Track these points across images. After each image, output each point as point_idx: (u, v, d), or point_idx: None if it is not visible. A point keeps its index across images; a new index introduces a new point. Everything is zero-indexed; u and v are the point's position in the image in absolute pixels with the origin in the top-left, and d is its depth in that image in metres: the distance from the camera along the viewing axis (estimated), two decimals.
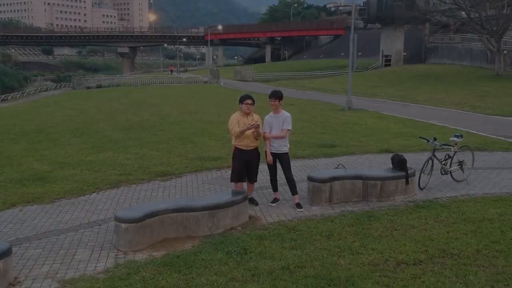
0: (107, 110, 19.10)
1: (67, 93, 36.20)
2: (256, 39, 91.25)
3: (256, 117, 6.23)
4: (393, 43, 47.27)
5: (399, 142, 10.91)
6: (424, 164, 7.12)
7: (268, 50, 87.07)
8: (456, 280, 4.28)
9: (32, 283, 4.35)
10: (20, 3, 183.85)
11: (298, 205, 6.37)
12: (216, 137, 11.89)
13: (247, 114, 6.17)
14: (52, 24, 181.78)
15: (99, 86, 39.17)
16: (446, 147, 7.44)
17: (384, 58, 48.82)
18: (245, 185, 6.50)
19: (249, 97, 6.26)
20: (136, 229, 5.04)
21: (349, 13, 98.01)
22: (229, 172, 7.13)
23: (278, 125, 6.35)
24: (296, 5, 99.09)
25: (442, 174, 7.52)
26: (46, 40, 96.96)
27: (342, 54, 66.64)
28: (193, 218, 5.42)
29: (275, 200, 6.61)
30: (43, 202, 6.78)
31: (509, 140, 11.49)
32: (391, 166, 7.02)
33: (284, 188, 6.84)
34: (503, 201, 6.58)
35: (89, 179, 7.89)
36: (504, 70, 32.01)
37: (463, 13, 33.11)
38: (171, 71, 66.73)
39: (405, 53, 50.60)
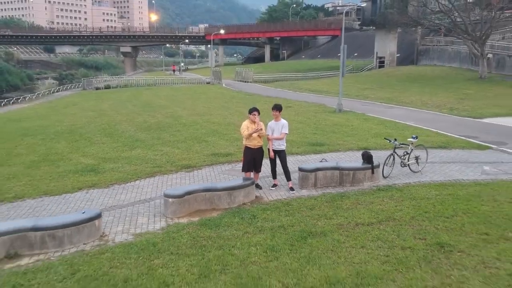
0: (124, 112, 21.32)
1: (78, 93, 38.31)
2: (255, 39, 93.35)
3: (261, 124, 8.50)
4: (386, 45, 49.45)
5: (376, 141, 13.16)
6: (387, 158, 9.41)
7: (267, 50, 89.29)
8: (392, 233, 6.57)
9: (115, 235, 6.64)
10: (21, 1, 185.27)
11: (291, 189, 8.66)
12: (225, 137, 14.14)
13: (254, 122, 8.44)
14: (52, 22, 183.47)
15: (107, 87, 41.28)
16: (404, 145, 9.74)
17: (378, 60, 51.03)
18: (252, 174, 8.77)
19: (256, 109, 8.53)
20: (179, 202, 7.33)
21: (347, 13, 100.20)
22: (238, 165, 9.46)
23: (278, 129, 8.63)
24: (294, 5, 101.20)
25: (402, 166, 9.81)
26: (51, 40, 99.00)
27: (339, 54, 68.82)
28: (216, 196, 7.71)
29: (274, 185, 8.89)
30: (101, 186, 9.07)
31: (468, 139, 13.77)
32: (362, 160, 9.31)
33: (281, 177, 9.08)
34: (443, 186, 8.88)
35: (130, 171, 10.17)
36: (490, 72, 34.34)
37: (450, 19, 35.35)
38: (173, 70, 68.69)
39: (398, 55, 52.81)
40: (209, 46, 74.09)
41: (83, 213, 6.58)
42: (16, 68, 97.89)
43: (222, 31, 67.92)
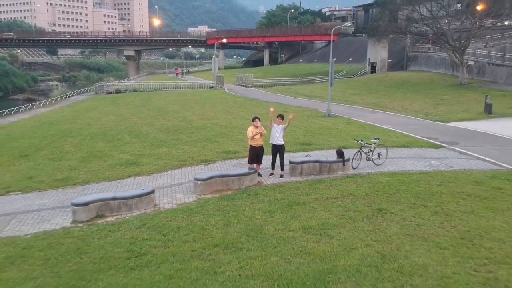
0: (142, 116, 24.49)
1: (92, 98, 41.47)
2: (255, 43, 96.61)
3: (261, 128, 11.69)
4: (378, 52, 52.66)
5: (354, 141, 16.33)
6: (355, 154, 12.63)
7: (266, 54, 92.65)
8: (350, 203, 9.76)
9: (164, 205, 9.85)
10: (23, 3, 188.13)
11: (281, 176, 11.87)
12: (231, 138, 17.31)
13: (256, 127, 11.65)
14: (54, 24, 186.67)
15: (117, 91, 44.47)
16: (368, 144, 12.97)
17: (370, 66, 54.25)
18: (255, 166, 11.96)
19: (257, 117, 11.73)
20: (205, 184, 10.54)
21: (343, 18, 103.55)
22: (244, 160, 12.65)
23: (279, 130, 11.77)
24: (292, 10, 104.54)
25: (367, 160, 13.02)
26: (57, 44, 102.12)
27: (335, 59, 72.03)
28: (230, 180, 10.93)
29: (271, 174, 12.09)
30: (143, 175, 12.27)
31: (429, 140, 16.98)
32: (336, 155, 12.53)
33: (276, 168, 12.28)
34: (394, 174, 12.09)
35: (162, 164, 13.37)
36: (471, 78, 37.71)
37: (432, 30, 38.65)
38: (177, 74, 71.75)
39: (390, 60, 56.03)
40: (208, 49, 76.54)
41: (143, 189, 9.81)
42: (21, 70, 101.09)
43: (224, 40, 71.07)
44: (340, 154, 12.37)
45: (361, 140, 12.91)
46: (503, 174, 12.12)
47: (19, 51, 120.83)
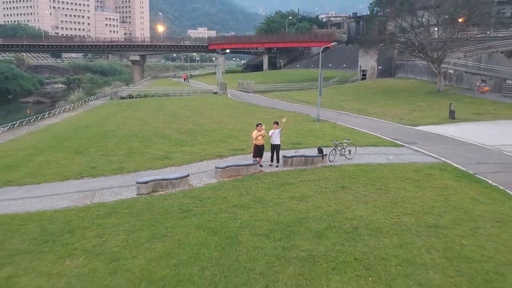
0: (160, 121, 28.98)
1: (109, 103, 45.89)
2: (254, 48, 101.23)
3: (263, 131, 16.18)
4: (368, 60, 57.12)
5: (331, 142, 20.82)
6: (331, 150, 17.15)
7: (265, 59, 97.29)
8: (323, 183, 14.27)
9: (196, 184, 14.36)
10: (27, 6, 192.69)
11: (277, 166, 16.39)
12: (238, 139, 21.78)
13: (259, 131, 16.15)
14: (57, 27, 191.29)
15: (130, 96, 49.02)
16: (341, 144, 17.50)
17: (361, 73, 58.81)
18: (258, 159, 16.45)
19: (260, 124, 16.23)
20: (223, 171, 15.06)
21: (339, 24, 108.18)
22: (250, 156, 17.19)
23: (276, 133, 16.30)
24: (291, 17, 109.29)
25: (340, 155, 17.53)
26: (66, 49, 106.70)
27: (330, 65, 76.75)
28: (240, 168, 15.45)
29: (270, 165, 16.59)
30: (175, 165, 16.77)
31: (394, 140, 21.46)
32: (317, 151, 17.04)
33: (273, 161, 16.75)
34: (358, 165, 16.56)
35: (188, 158, 17.86)
36: (451, 85, 42.39)
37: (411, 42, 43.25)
38: (184, 79, 76.30)
39: (380, 67, 60.55)
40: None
41: (181, 174, 14.33)
42: (28, 73, 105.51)
43: (228, 51, 75.72)
44: (320, 150, 16.90)
45: (336, 140, 17.46)
46: (438, 165, 16.66)
47: (24, 54, 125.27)
